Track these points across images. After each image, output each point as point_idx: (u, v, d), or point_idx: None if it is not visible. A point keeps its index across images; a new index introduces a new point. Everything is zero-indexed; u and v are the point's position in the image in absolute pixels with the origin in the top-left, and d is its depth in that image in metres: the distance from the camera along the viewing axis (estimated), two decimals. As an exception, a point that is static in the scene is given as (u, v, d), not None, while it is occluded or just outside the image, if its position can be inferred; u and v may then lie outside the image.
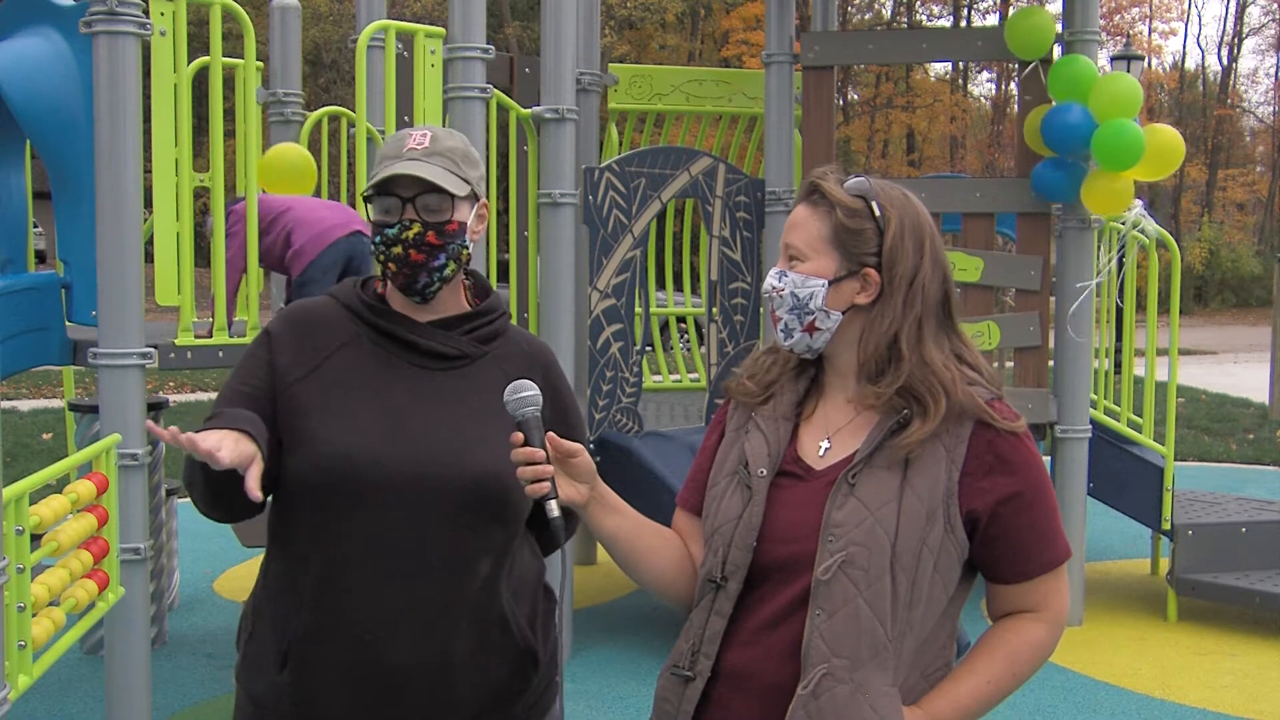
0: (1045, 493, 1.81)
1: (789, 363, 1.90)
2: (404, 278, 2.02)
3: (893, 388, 1.77)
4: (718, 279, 5.83)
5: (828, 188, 1.82)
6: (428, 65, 4.75)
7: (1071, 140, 5.45)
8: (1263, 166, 43.18)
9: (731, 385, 1.95)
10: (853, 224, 1.80)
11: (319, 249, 4.78)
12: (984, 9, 35.85)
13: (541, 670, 2.12)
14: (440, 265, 2.02)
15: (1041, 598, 1.83)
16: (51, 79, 4.14)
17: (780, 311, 1.83)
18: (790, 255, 1.83)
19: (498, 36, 24.08)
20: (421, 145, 2.02)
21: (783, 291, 1.82)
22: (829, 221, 1.81)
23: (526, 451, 1.77)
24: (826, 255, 1.81)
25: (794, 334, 1.83)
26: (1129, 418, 6.26)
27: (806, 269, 1.81)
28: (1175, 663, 5.36)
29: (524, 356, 2.13)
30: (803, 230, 1.83)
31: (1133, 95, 5.35)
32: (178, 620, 5.81)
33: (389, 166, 2.01)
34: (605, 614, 5.96)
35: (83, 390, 9.35)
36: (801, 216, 1.84)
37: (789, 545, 1.77)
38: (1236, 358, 20.45)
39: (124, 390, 3.96)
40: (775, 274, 1.85)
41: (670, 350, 8.81)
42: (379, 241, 2.02)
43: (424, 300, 2.05)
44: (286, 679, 2.01)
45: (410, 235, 2.00)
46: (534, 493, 1.76)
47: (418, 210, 2.01)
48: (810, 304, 1.81)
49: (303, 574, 2.01)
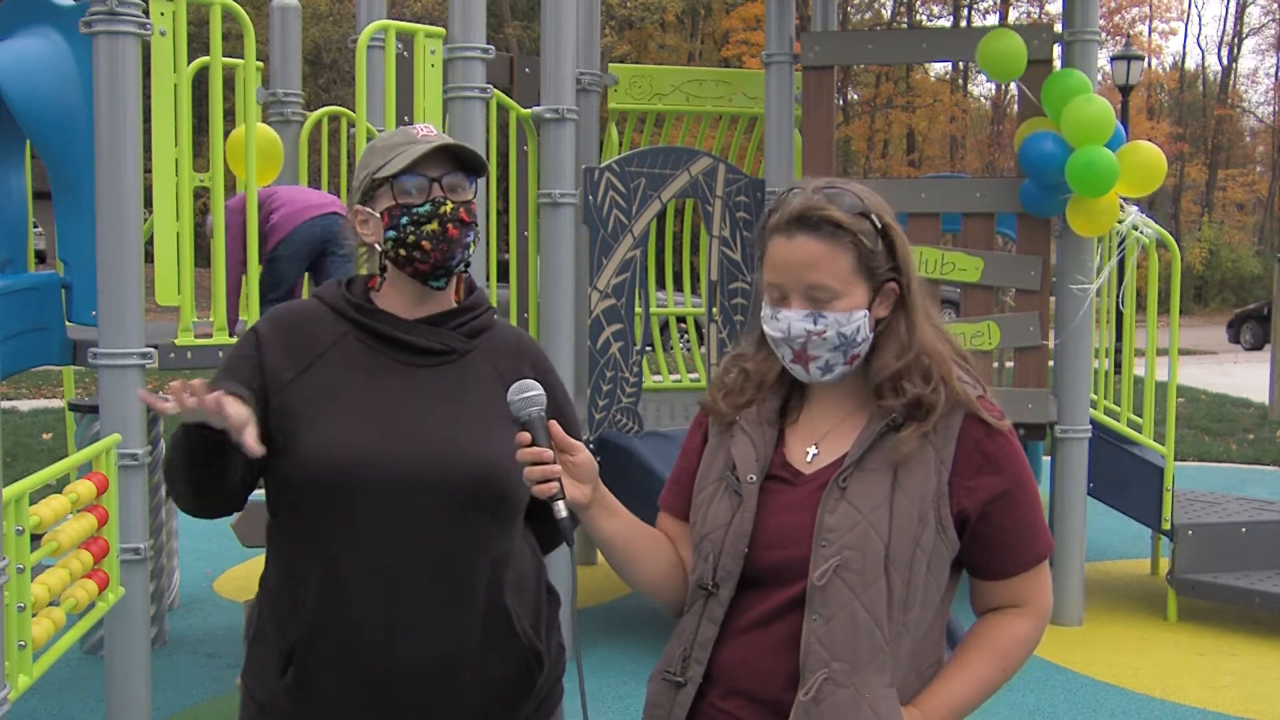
0: (1030, 489, 1.82)
1: (764, 382, 1.88)
2: (439, 255, 2.00)
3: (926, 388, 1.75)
4: (718, 279, 5.83)
5: (844, 219, 1.75)
6: (428, 65, 4.75)
7: (1046, 169, 5.46)
8: (1263, 166, 43.20)
9: (708, 404, 1.92)
10: (873, 246, 1.77)
11: (294, 225, 4.94)
12: (984, 9, 35.88)
13: (546, 670, 2.10)
14: (470, 242, 2.03)
15: (1027, 592, 1.84)
16: (51, 79, 4.14)
17: (819, 351, 1.76)
18: (815, 297, 1.75)
19: (498, 36, 24.08)
20: (432, 134, 2.03)
21: (824, 334, 1.75)
22: (854, 253, 1.75)
23: (534, 451, 1.75)
24: (858, 286, 1.76)
25: (835, 369, 1.78)
26: (1129, 418, 6.27)
27: (845, 305, 1.76)
28: (1175, 663, 5.35)
29: (512, 350, 2.12)
30: (827, 266, 1.74)
31: (1103, 119, 5.31)
32: (178, 620, 5.81)
33: (413, 149, 2.00)
34: (605, 614, 5.96)
35: (83, 390, 9.35)
36: (820, 253, 1.74)
37: (781, 551, 1.77)
38: (1236, 358, 20.46)
39: (124, 390, 3.96)
40: (806, 317, 1.75)
41: (670, 350, 8.81)
42: (406, 223, 1.99)
43: (446, 283, 2.05)
44: (289, 683, 2.00)
45: (448, 209, 2.00)
46: (541, 493, 1.75)
47: (444, 189, 2.01)
48: (857, 338, 1.77)
49: (301, 577, 1.99)
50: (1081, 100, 5.35)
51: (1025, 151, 5.54)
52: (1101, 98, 5.44)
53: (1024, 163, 5.57)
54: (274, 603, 2.05)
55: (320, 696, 1.99)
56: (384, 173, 2.00)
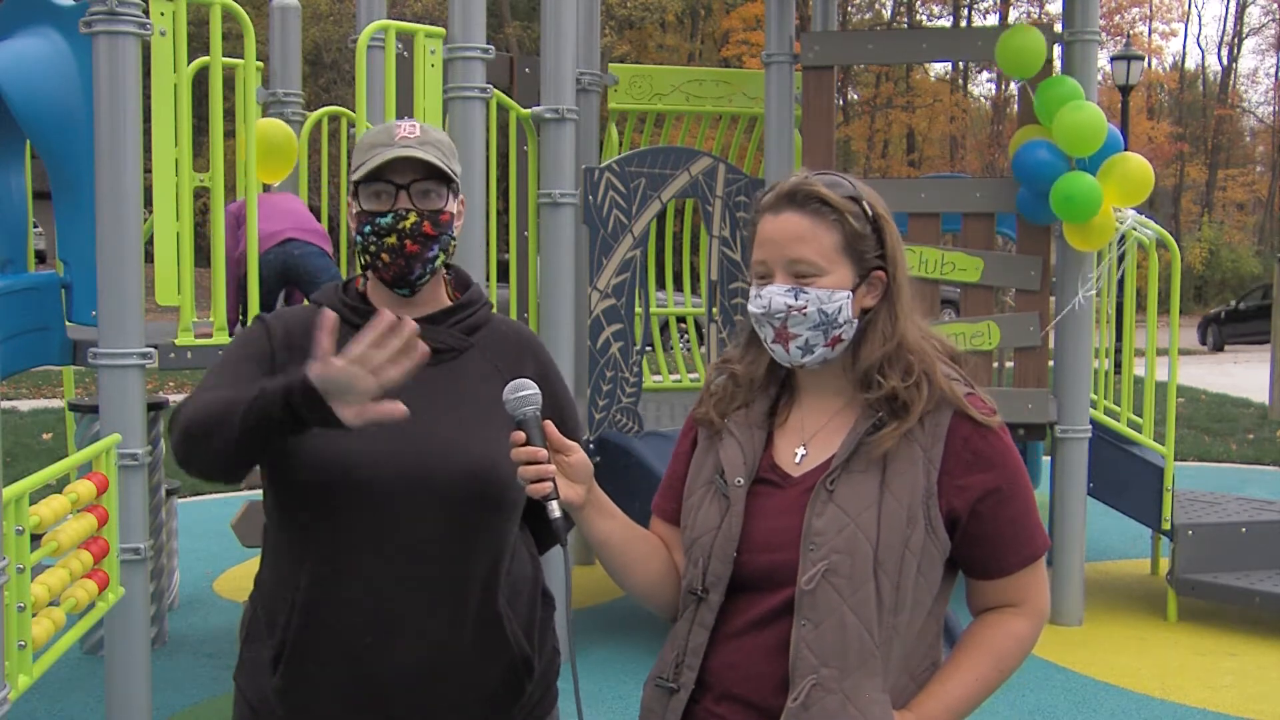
0: (1023, 486, 1.80)
1: (753, 384, 1.87)
2: (397, 269, 1.98)
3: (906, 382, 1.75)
4: (718, 279, 5.83)
5: (829, 195, 1.76)
6: (428, 65, 4.75)
7: (1040, 178, 5.47)
8: (1263, 166, 43.20)
9: (699, 416, 1.91)
10: (861, 228, 1.77)
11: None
12: (984, 9, 35.88)
13: (536, 678, 2.09)
14: (433, 257, 2.00)
15: (1022, 591, 1.82)
16: (51, 79, 4.14)
17: (799, 329, 1.76)
18: (798, 272, 1.75)
19: (498, 36, 24.08)
20: (413, 134, 1.99)
21: (805, 309, 1.75)
22: (840, 231, 1.76)
23: (528, 451, 1.75)
24: (842, 265, 1.76)
25: (815, 349, 1.77)
26: (1129, 418, 6.26)
27: (828, 283, 1.75)
28: (1175, 663, 5.35)
29: (512, 345, 2.11)
30: (813, 242, 1.75)
31: (1094, 127, 5.31)
32: (178, 620, 5.81)
33: (383, 152, 1.96)
34: (603, 614, 5.96)
35: (83, 390, 9.35)
36: (804, 228, 1.76)
37: (770, 554, 1.76)
38: (1236, 358, 20.45)
39: (124, 390, 3.96)
40: (788, 292, 1.75)
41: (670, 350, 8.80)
42: (369, 231, 1.97)
43: (412, 293, 2.02)
44: (279, 683, 1.98)
45: (407, 225, 1.96)
46: (535, 493, 1.75)
47: (412, 198, 1.97)
48: (839, 318, 1.76)
49: (294, 576, 1.98)
50: (1072, 108, 5.34)
51: (1019, 161, 5.54)
52: (1093, 105, 5.42)
53: (1018, 172, 5.58)
54: (267, 602, 2.04)
55: (309, 697, 1.98)
56: (354, 176, 1.99)
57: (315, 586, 1.96)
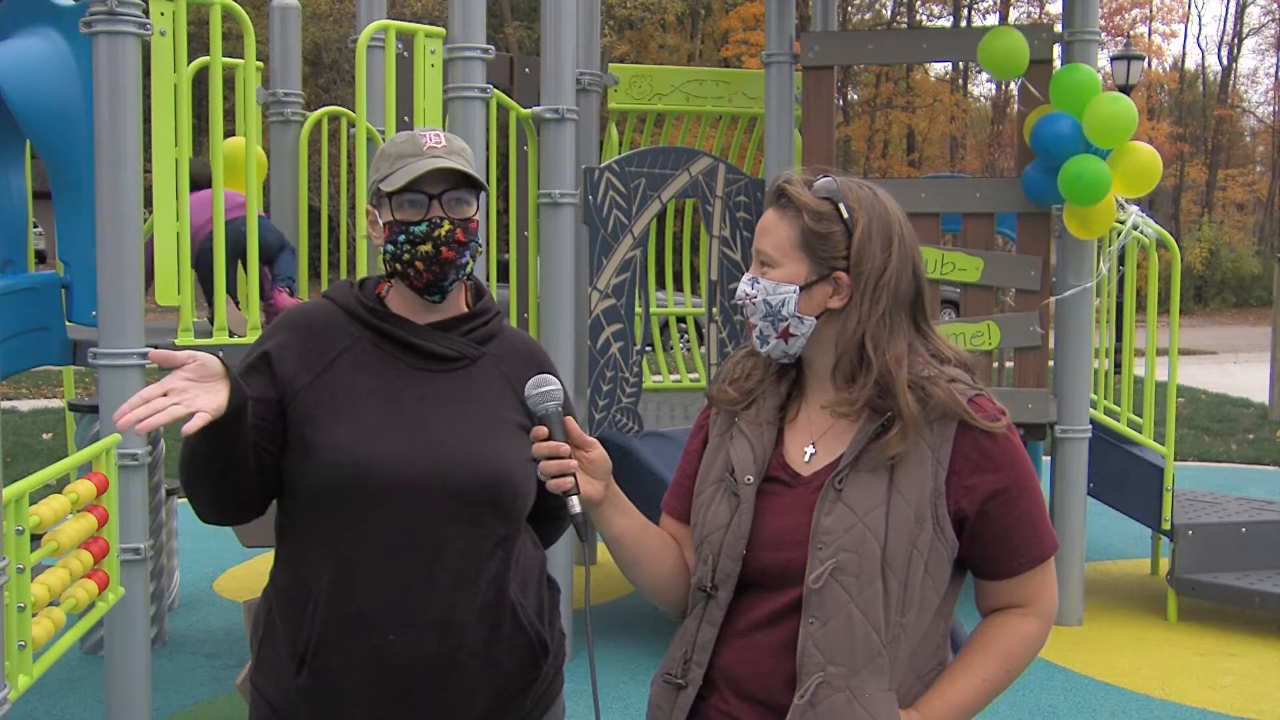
0: (1031, 487, 1.80)
1: (770, 366, 1.89)
2: (432, 275, 2.03)
3: (864, 392, 1.75)
4: (718, 279, 5.83)
5: (794, 191, 1.79)
6: (428, 65, 4.75)
7: (1057, 151, 5.45)
8: (1263, 166, 43.18)
9: (714, 393, 1.93)
10: (820, 227, 1.78)
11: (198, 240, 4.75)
12: (984, 9, 35.86)
13: (550, 658, 2.14)
14: (464, 263, 2.05)
15: (1031, 592, 1.82)
16: (51, 79, 4.14)
17: (755, 318, 1.82)
18: (761, 261, 1.82)
19: (498, 36, 24.08)
20: (440, 144, 2.03)
21: (755, 298, 1.81)
22: (797, 226, 1.79)
23: (550, 446, 1.76)
24: (796, 260, 1.79)
25: (769, 340, 1.82)
26: (1129, 418, 6.27)
27: (778, 275, 1.79)
28: (1175, 663, 5.36)
29: (521, 356, 2.15)
30: (771, 236, 1.81)
31: (1126, 120, 5.30)
32: (178, 620, 5.81)
33: (413, 163, 2.01)
34: (605, 614, 5.96)
35: (83, 390, 9.35)
36: (770, 222, 1.82)
37: (779, 553, 1.76)
38: (1236, 358, 20.45)
39: (124, 390, 3.95)
40: (748, 280, 1.83)
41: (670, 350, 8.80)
42: (403, 241, 2.01)
43: (443, 299, 2.07)
44: (304, 682, 2.02)
45: (441, 233, 2.01)
46: (556, 488, 1.76)
47: (444, 207, 2.02)
48: (783, 310, 1.79)
49: (315, 578, 2.02)
50: (1108, 99, 5.36)
51: (1039, 130, 5.51)
52: (1127, 99, 5.44)
53: (1035, 143, 5.55)
54: (285, 602, 2.07)
55: (334, 694, 2.02)
56: (386, 186, 2.02)
57: (336, 586, 2.00)
